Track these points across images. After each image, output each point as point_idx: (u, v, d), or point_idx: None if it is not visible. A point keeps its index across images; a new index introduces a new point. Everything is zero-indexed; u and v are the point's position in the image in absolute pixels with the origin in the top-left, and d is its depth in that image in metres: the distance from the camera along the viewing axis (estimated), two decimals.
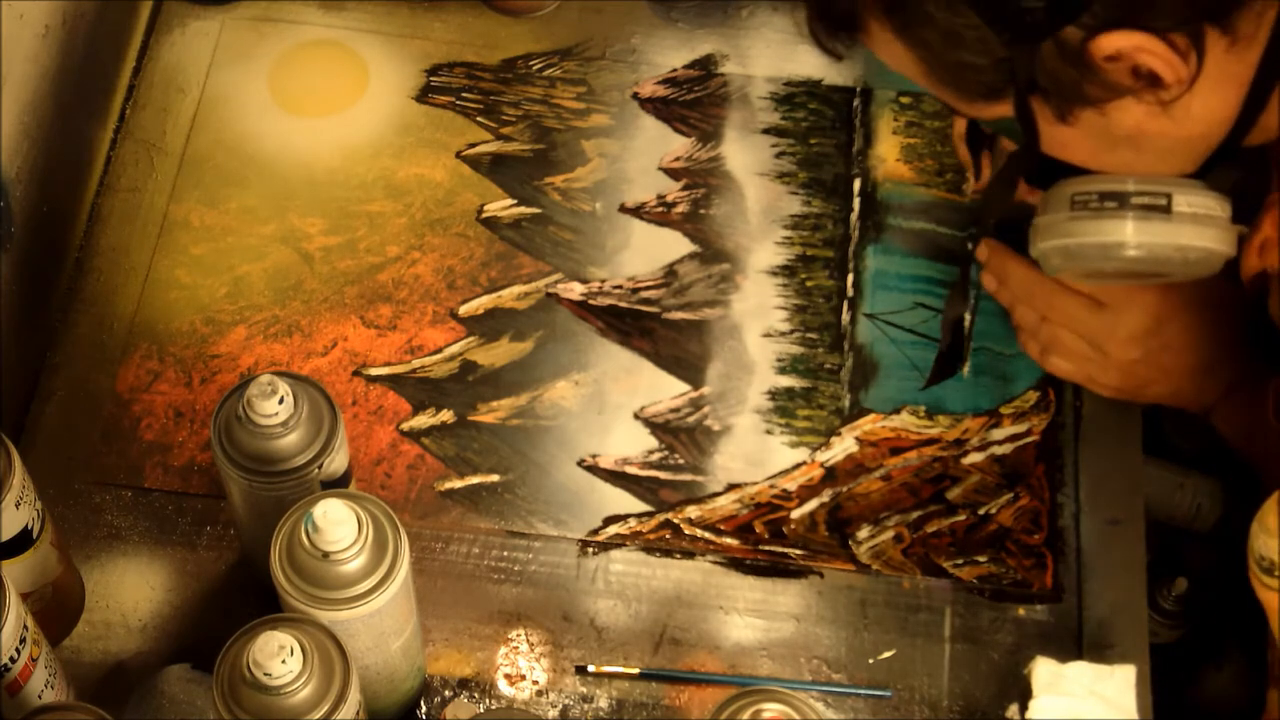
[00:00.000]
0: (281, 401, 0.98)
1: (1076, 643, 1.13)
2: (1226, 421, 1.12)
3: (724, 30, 1.38)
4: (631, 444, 1.20)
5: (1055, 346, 1.13)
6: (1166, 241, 0.99)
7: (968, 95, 0.95)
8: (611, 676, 1.12)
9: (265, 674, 0.87)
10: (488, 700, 1.11)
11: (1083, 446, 1.21)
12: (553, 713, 1.10)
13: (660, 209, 1.30)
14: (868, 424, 1.21)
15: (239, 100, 1.34)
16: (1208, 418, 1.13)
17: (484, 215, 1.30)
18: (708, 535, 1.17)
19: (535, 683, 1.12)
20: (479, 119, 1.34)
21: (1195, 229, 0.98)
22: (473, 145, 1.33)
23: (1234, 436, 1.12)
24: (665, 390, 1.23)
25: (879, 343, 1.25)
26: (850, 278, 1.27)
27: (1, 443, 0.97)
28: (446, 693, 1.11)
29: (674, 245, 1.29)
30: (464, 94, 1.35)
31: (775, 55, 1.37)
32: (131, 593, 1.13)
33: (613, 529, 1.17)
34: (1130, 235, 0.99)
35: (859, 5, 0.94)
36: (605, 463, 1.20)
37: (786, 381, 1.23)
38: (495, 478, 1.19)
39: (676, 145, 1.33)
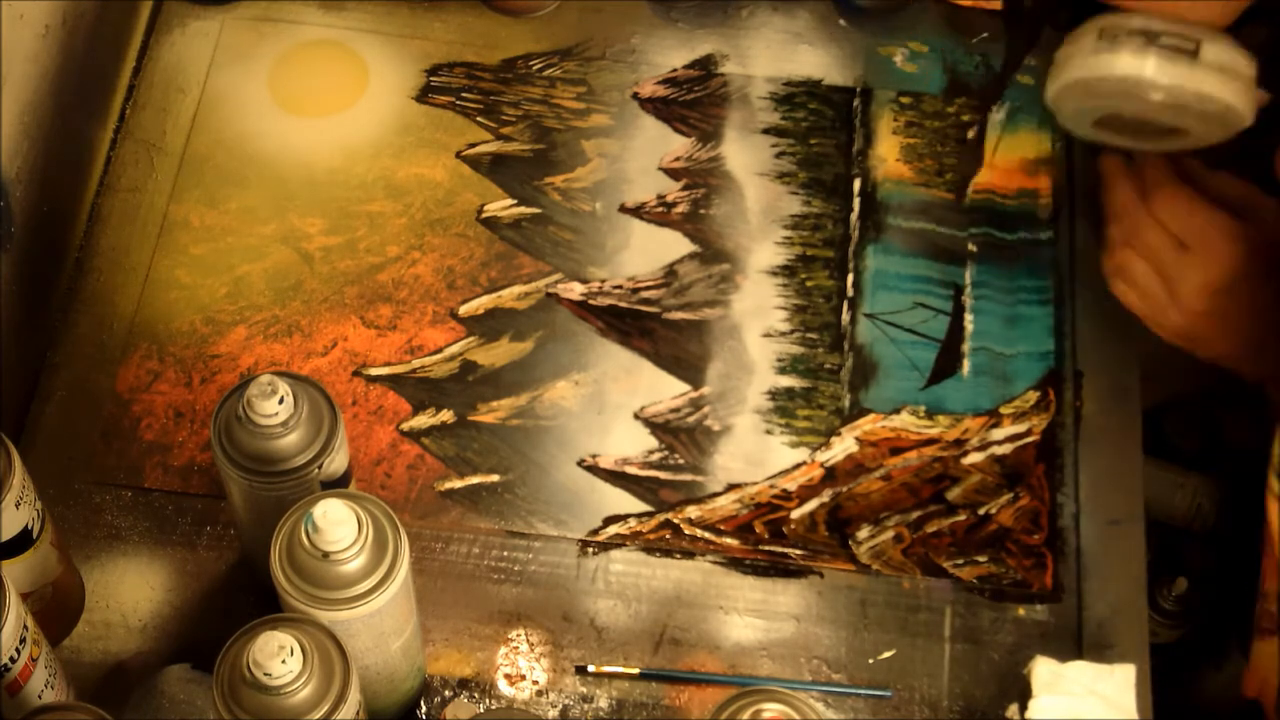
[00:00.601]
0: (281, 401, 0.98)
1: (1076, 643, 1.13)
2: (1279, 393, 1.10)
3: (724, 30, 1.38)
4: (631, 444, 1.20)
5: (1126, 273, 1.11)
6: (1188, 87, 0.95)
7: None
8: (611, 676, 1.12)
9: (265, 674, 0.87)
10: (488, 700, 1.11)
11: (1083, 446, 1.21)
12: (553, 713, 1.10)
13: (660, 209, 1.30)
14: (868, 424, 1.21)
15: (239, 100, 1.34)
16: (1261, 387, 1.11)
17: (484, 215, 1.30)
18: (708, 535, 1.17)
19: (535, 683, 1.12)
20: (479, 119, 1.34)
21: (1219, 80, 0.95)
22: (473, 145, 1.33)
23: None
24: (665, 390, 1.23)
25: (879, 343, 1.25)
26: (850, 278, 1.27)
27: (1, 443, 0.97)
28: (446, 693, 1.11)
29: (674, 245, 1.29)
30: (464, 94, 1.35)
31: (775, 55, 1.37)
32: (131, 593, 1.14)
33: (613, 529, 1.17)
34: (1152, 73, 0.95)
35: None
36: (605, 463, 1.20)
37: (786, 381, 1.23)
38: (495, 478, 1.19)
39: (676, 145, 1.33)
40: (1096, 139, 1.06)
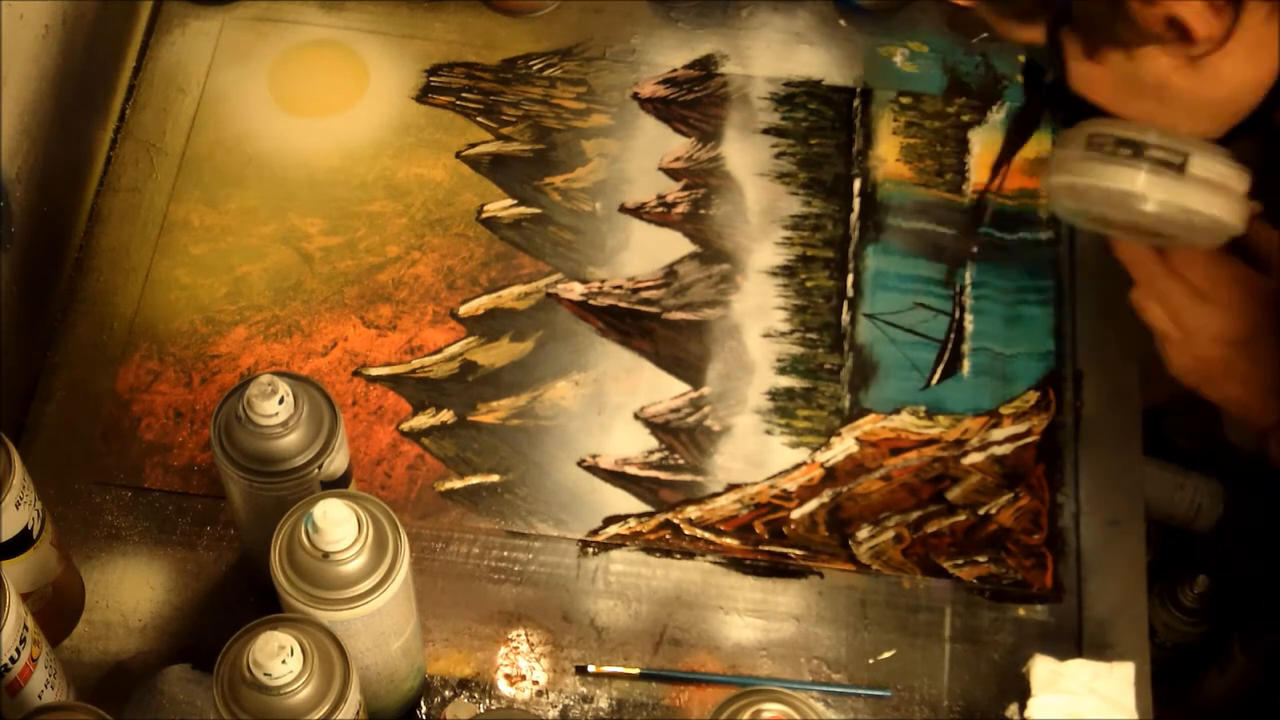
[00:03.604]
0: (281, 401, 0.98)
1: (1076, 643, 1.13)
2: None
3: (724, 30, 1.38)
4: (631, 444, 1.20)
5: (1143, 313, 1.08)
6: (1174, 200, 0.95)
7: (1004, 13, 0.93)
8: (611, 676, 1.12)
9: (265, 674, 0.87)
10: (488, 700, 1.11)
11: (1083, 446, 1.21)
12: (553, 713, 1.10)
13: (660, 209, 1.30)
14: (868, 424, 1.21)
15: (239, 100, 1.34)
16: (1263, 439, 1.10)
17: (484, 215, 1.30)
18: (708, 535, 1.17)
19: (535, 683, 1.12)
20: (479, 119, 1.34)
21: (1206, 195, 0.95)
22: (473, 145, 1.33)
23: None
24: (665, 390, 1.23)
25: (879, 343, 1.25)
26: (850, 278, 1.27)
27: (1, 443, 0.97)
28: (446, 693, 1.11)
29: (674, 245, 1.29)
30: (464, 94, 1.35)
31: (775, 55, 1.37)
32: (131, 593, 1.14)
33: (613, 529, 1.17)
34: (1139, 186, 0.95)
35: None
36: (605, 463, 1.20)
37: (786, 381, 1.23)
38: (495, 478, 1.19)
39: (676, 145, 1.33)
40: (1094, 230, 1.05)
